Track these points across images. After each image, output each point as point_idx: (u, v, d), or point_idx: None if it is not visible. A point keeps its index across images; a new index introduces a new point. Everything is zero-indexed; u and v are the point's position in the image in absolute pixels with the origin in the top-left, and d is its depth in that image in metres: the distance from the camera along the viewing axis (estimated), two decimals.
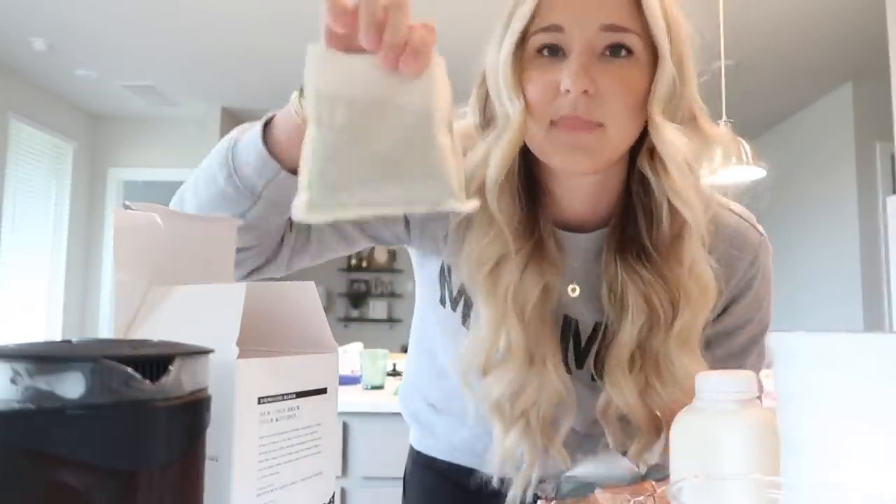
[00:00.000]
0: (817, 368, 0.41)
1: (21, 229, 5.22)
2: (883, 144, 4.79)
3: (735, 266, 0.81)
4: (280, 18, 4.11)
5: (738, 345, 0.84)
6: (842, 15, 3.95)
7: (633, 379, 0.76)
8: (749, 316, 0.84)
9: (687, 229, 0.73)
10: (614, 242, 0.78)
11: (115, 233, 0.54)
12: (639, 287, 0.75)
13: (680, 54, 0.71)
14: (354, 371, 2.66)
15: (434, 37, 0.53)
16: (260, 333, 0.53)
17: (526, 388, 0.76)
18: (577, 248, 0.80)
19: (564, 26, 0.69)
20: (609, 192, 0.79)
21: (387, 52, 0.52)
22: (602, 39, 0.69)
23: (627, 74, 0.69)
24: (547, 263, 0.76)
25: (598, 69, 0.68)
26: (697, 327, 0.75)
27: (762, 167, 3.05)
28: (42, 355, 0.36)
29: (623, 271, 0.76)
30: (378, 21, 0.51)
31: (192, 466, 0.41)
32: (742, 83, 4.57)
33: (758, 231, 0.84)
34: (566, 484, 0.65)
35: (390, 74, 0.53)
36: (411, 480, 1.03)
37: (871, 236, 4.83)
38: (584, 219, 0.80)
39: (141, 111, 5.94)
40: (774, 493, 0.37)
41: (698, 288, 0.74)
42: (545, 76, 0.70)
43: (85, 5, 4.00)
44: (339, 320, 7.85)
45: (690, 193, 0.72)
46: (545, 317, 0.77)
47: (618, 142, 0.71)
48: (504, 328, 0.75)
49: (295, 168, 0.64)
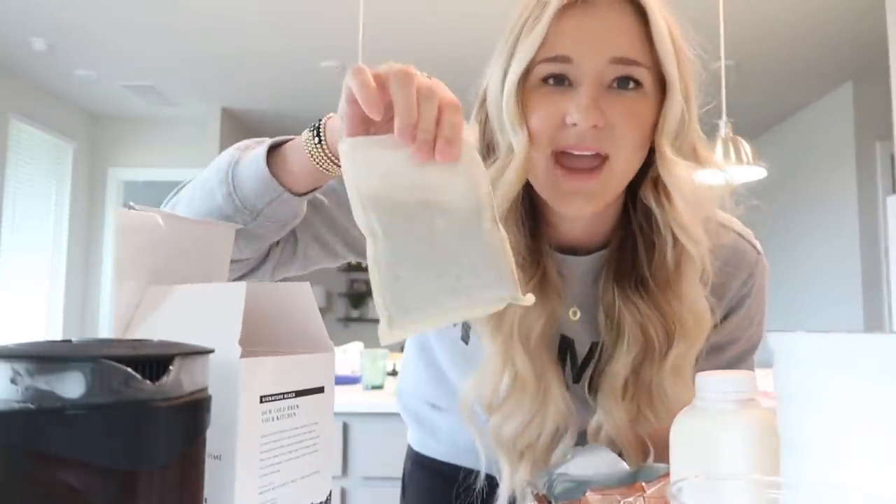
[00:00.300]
0: (817, 368, 0.41)
1: (21, 229, 5.22)
2: (883, 144, 4.79)
3: (729, 284, 0.81)
4: (280, 19, 4.11)
5: (726, 361, 0.84)
6: (842, 15, 3.95)
7: (626, 407, 0.76)
8: (739, 333, 0.83)
9: (688, 263, 0.72)
10: (612, 270, 0.77)
11: (115, 231, 0.54)
12: (635, 317, 0.74)
13: (687, 88, 0.71)
14: (354, 371, 2.66)
15: (461, 118, 0.53)
16: (256, 333, 0.53)
17: (534, 419, 0.76)
18: (576, 271, 0.80)
19: (573, 57, 0.68)
20: (608, 219, 0.78)
21: (420, 145, 0.52)
22: (611, 72, 0.68)
23: (636, 107, 0.69)
24: (551, 291, 0.75)
25: (606, 101, 0.68)
26: (691, 358, 0.75)
27: (762, 167, 3.05)
28: (42, 355, 0.36)
29: (620, 300, 0.75)
30: (415, 119, 0.52)
31: (192, 466, 0.41)
32: (742, 83, 4.56)
33: (755, 249, 0.83)
34: (559, 482, 0.65)
35: (427, 165, 0.53)
36: (411, 481, 1.03)
37: (871, 236, 4.83)
38: (581, 242, 0.80)
39: (141, 111, 5.94)
40: (774, 493, 0.37)
41: (694, 319, 0.74)
42: (550, 106, 0.69)
43: (85, 5, 4.00)
44: (339, 320, 7.86)
45: (698, 229, 0.71)
46: (550, 345, 0.77)
47: (621, 176, 0.71)
48: (510, 361, 0.74)
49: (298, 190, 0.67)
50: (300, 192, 0.71)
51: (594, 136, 0.67)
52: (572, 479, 0.65)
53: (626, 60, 0.68)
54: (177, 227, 0.58)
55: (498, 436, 0.76)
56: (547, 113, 0.69)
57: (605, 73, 0.68)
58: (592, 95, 0.67)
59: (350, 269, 7.88)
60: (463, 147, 0.54)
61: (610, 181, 0.70)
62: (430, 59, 3.81)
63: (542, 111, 0.69)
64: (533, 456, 0.77)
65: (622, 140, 0.68)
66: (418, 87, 0.53)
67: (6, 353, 0.36)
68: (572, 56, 0.68)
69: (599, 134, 0.67)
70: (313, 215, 0.80)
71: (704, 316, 0.74)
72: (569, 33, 0.68)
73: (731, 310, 0.82)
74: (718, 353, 0.83)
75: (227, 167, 0.72)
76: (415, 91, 0.53)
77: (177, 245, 0.58)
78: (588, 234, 0.79)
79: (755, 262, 0.82)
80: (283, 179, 0.69)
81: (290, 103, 5.66)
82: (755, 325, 0.84)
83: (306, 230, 0.80)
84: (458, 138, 0.53)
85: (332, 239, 0.82)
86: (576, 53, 0.68)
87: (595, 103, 0.67)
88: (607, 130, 0.68)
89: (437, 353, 0.92)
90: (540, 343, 0.75)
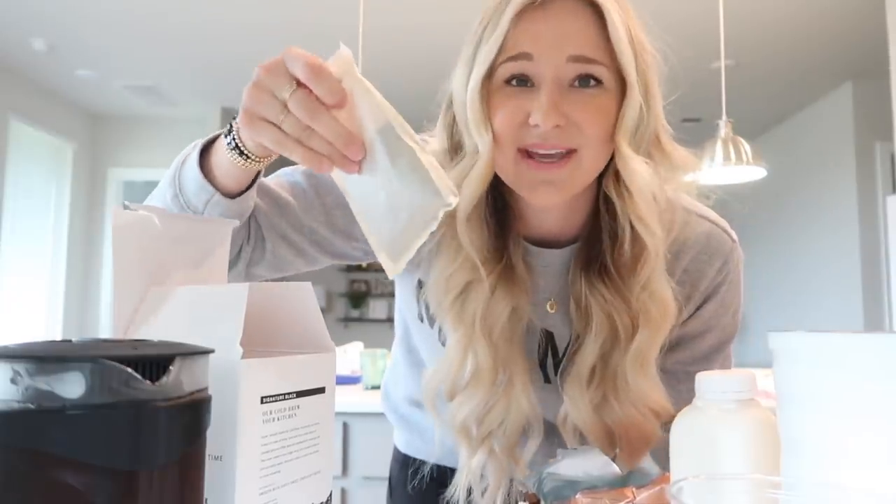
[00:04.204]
0: (817, 368, 0.41)
1: (21, 229, 5.21)
2: (883, 144, 4.79)
3: (704, 271, 0.82)
4: (280, 19, 4.11)
5: (702, 351, 0.85)
6: (842, 15, 3.95)
7: (590, 394, 0.77)
8: (714, 321, 0.84)
9: (647, 253, 0.74)
10: (581, 259, 0.79)
11: (113, 231, 0.54)
12: (601, 304, 0.76)
13: (646, 82, 0.72)
14: (354, 371, 2.66)
15: (316, 109, 0.56)
16: (257, 333, 0.53)
17: (493, 409, 0.77)
18: (550, 263, 0.81)
19: (533, 55, 0.69)
20: (579, 212, 0.80)
21: (325, 164, 0.58)
22: (570, 70, 0.69)
23: (597, 104, 0.70)
24: (515, 285, 0.77)
25: (567, 100, 0.69)
26: (654, 348, 0.76)
27: (762, 167, 3.06)
28: (42, 355, 0.36)
29: (586, 288, 0.77)
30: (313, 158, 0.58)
31: (192, 466, 0.41)
32: (742, 83, 4.57)
33: (730, 237, 0.84)
34: (548, 482, 0.65)
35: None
36: (398, 483, 1.03)
37: (871, 236, 4.84)
38: (555, 235, 0.81)
39: (141, 111, 5.94)
40: (774, 493, 0.37)
41: (657, 309, 0.75)
42: (513, 105, 0.70)
43: (85, 5, 4.00)
44: (339, 320, 7.86)
45: (653, 221, 0.73)
46: (514, 338, 0.78)
47: (588, 168, 0.72)
48: (472, 350, 0.75)
49: (229, 191, 0.70)
50: (234, 191, 0.71)
51: (558, 134, 0.69)
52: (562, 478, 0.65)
53: (584, 59, 0.69)
54: (173, 225, 0.58)
55: (454, 419, 0.78)
56: (510, 113, 0.70)
57: (565, 72, 0.69)
58: (553, 96, 0.68)
59: (350, 270, 7.88)
60: (351, 95, 0.57)
61: (577, 171, 0.71)
62: (430, 59, 3.81)
63: (506, 111, 0.70)
64: (494, 446, 0.78)
65: (587, 136, 0.70)
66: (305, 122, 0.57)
67: (6, 353, 0.36)
68: (532, 53, 0.69)
69: (563, 132, 0.69)
70: (280, 216, 0.80)
71: (669, 306, 0.75)
72: (528, 33, 0.70)
73: (707, 297, 0.83)
74: (695, 342, 0.84)
75: (175, 167, 0.73)
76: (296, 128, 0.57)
77: (174, 243, 0.58)
78: (560, 226, 0.80)
79: (730, 250, 0.83)
80: (214, 179, 0.70)
81: None
82: (731, 315, 0.85)
83: (273, 230, 0.81)
84: (339, 141, 0.57)
85: (298, 238, 0.82)
86: (535, 51, 0.69)
87: (555, 105, 0.68)
88: (572, 128, 0.69)
89: (423, 353, 0.93)
90: (504, 338, 0.76)
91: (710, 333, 0.84)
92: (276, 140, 0.58)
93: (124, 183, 6.24)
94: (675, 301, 0.76)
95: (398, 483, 1.03)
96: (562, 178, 0.71)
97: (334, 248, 0.84)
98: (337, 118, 0.57)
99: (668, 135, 0.76)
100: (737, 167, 2.94)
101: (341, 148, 0.57)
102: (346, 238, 0.83)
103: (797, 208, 5.66)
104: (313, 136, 0.57)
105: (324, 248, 0.84)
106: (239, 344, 0.46)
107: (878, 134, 4.76)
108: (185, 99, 5.68)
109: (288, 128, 0.57)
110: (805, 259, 5.53)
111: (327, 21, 4.05)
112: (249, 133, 0.61)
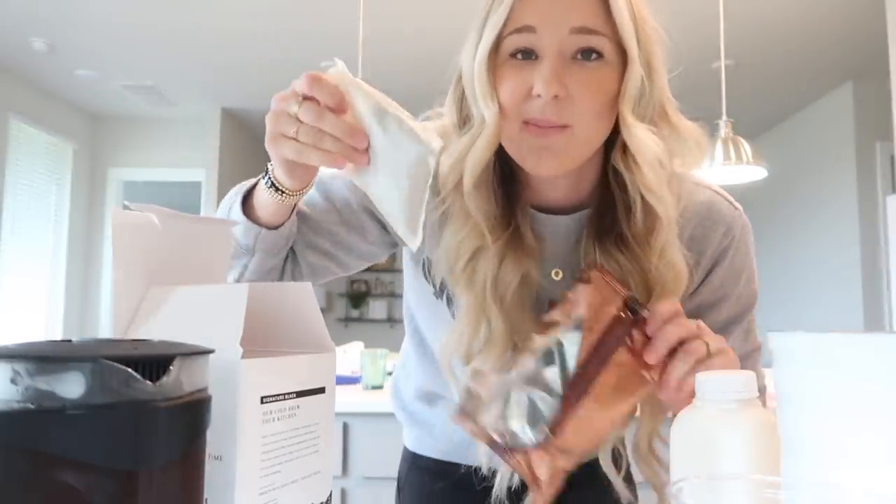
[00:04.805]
0: (817, 368, 0.41)
1: (21, 229, 5.22)
2: (883, 144, 4.79)
3: (709, 237, 0.83)
4: (280, 19, 4.11)
5: (719, 322, 0.85)
6: (842, 15, 3.95)
7: None
8: (726, 289, 0.85)
9: (660, 222, 0.75)
10: (594, 228, 0.80)
11: (112, 231, 0.54)
12: (616, 272, 0.77)
13: (648, 54, 0.74)
14: (354, 371, 2.66)
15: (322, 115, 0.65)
16: (258, 333, 0.53)
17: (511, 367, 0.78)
18: (557, 230, 0.83)
19: (536, 27, 0.71)
20: (586, 181, 0.81)
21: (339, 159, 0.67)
22: (573, 42, 0.71)
23: (597, 77, 0.72)
24: (524, 252, 0.79)
25: (569, 72, 0.71)
26: None
27: (762, 167, 3.06)
28: (42, 355, 0.36)
29: (602, 256, 0.78)
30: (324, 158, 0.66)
31: (192, 466, 0.41)
32: (742, 83, 4.57)
33: (732, 205, 0.85)
34: None
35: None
36: (407, 483, 1.03)
37: (871, 236, 4.84)
38: (562, 203, 0.82)
39: (141, 111, 5.95)
40: (774, 493, 0.37)
41: (672, 275, 0.76)
42: (518, 78, 0.72)
43: (85, 5, 4.00)
44: (339, 320, 7.85)
45: (663, 189, 0.74)
46: (525, 304, 0.80)
47: (585, 142, 0.74)
48: (485, 316, 0.77)
49: (272, 225, 0.80)
50: (276, 223, 0.80)
51: (554, 106, 0.71)
52: None
53: (586, 30, 0.71)
54: (173, 225, 0.58)
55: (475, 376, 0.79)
56: (515, 85, 0.72)
57: (567, 44, 0.71)
58: (554, 67, 0.70)
59: None
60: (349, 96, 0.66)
61: (572, 144, 0.73)
62: (429, 60, 3.81)
63: (511, 83, 0.73)
64: None
65: (582, 109, 0.71)
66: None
67: (6, 353, 0.36)
68: (536, 25, 0.71)
69: (560, 105, 0.71)
70: (302, 223, 0.88)
71: (682, 272, 0.77)
72: (532, 6, 0.72)
73: (716, 262, 0.84)
74: (710, 314, 0.85)
75: (225, 215, 0.82)
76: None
77: (174, 243, 0.58)
78: (568, 195, 0.82)
79: (733, 216, 0.84)
80: (258, 218, 0.79)
81: None
82: (743, 283, 0.85)
83: (299, 241, 0.88)
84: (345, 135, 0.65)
85: (321, 241, 0.88)
86: (538, 23, 0.71)
87: (556, 75, 0.70)
88: (568, 101, 0.71)
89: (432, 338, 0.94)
90: (516, 304, 0.78)
91: (725, 303, 0.85)
92: (296, 150, 0.66)
93: (124, 183, 6.25)
94: (687, 266, 0.77)
95: (406, 482, 1.03)
96: (558, 146, 0.72)
97: (356, 247, 0.91)
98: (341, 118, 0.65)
99: (673, 107, 0.77)
100: (737, 167, 2.94)
101: (347, 139, 0.65)
102: (361, 233, 0.89)
103: (797, 208, 5.66)
104: (324, 137, 0.65)
105: (347, 248, 0.90)
106: (239, 344, 0.46)
107: (878, 134, 4.76)
108: (185, 99, 5.68)
109: (303, 136, 0.65)
110: (805, 259, 5.53)
111: (328, 19, 4.05)
112: (275, 152, 0.69)
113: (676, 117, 0.77)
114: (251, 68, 4.96)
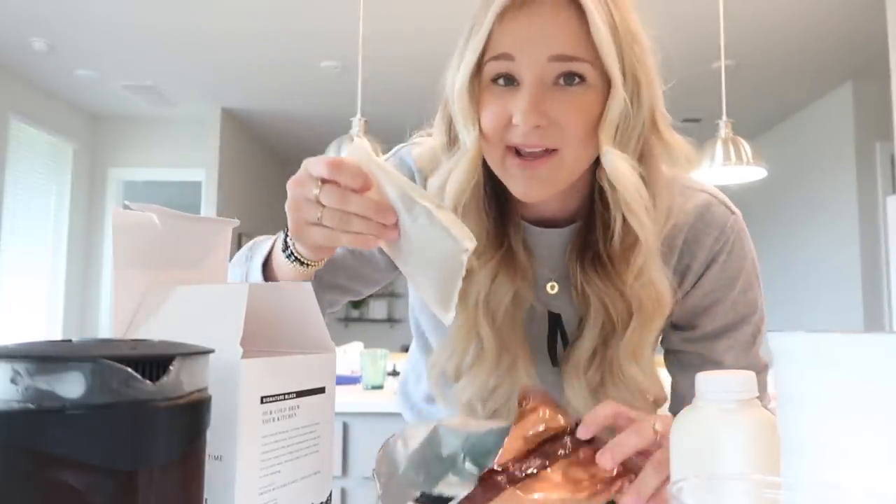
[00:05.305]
0: (817, 368, 0.41)
1: (21, 229, 5.21)
2: (883, 144, 4.79)
3: (701, 241, 0.82)
4: (280, 19, 4.11)
5: (713, 330, 0.84)
6: (842, 15, 3.95)
7: (587, 379, 0.79)
8: (719, 294, 0.83)
9: (639, 244, 0.74)
10: (576, 245, 0.80)
11: (113, 231, 0.54)
12: (595, 292, 0.77)
13: (636, 75, 0.71)
14: (354, 371, 2.66)
15: (348, 199, 0.61)
16: (257, 333, 0.53)
17: (498, 388, 0.79)
18: (552, 243, 0.82)
19: (514, 55, 0.70)
20: (576, 197, 0.80)
21: (369, 240, 0.64)
22: (552, 69, 0.69)
23: (580, 102, 0.70)
24: (517, 271, 0.78)
25: (550, 98, 0.69)
26: (647, 338, 0.77)
27: (762, 167, 3.06)
28: (42, 355, 0.36)
29: (581, 275, 0.78)
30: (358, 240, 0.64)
31: (193, 466, 0.41)
32: (742, 83, 4.57)
33: (729, 209, 0.84)
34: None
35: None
36: None
37: (871, 236, 4.83)
38: (557, 214, 0.82)
39: (141, 111, 5.94)
40: (774, 493, 0.37)
41: (651, 299, 0.75)
42: (499, 104, 0.71)
43: (85, 5, 4.00)
44: (339, 320, 7.85)
45: (642, 213, 0.73)
46: (517, 321, 0.80)
47: (573, 165, 0.72)
48: (475, 333, 0.77)
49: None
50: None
51: (539, 134, 0.69)
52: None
53: (565, 57, 0.69)
54: (173, 225, 0.58)
55: (460, 397, 0.80)
56: (497, 111, 0.71)
57: (547, 71, 0.69)
58: (532, 96, 0.69)
59: None
60: (374, 179, 0.62)
61: (559, 170, 0.72)
62: (429, 60, 3.81)
63: (493, 109, 0.71)
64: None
65: (568, 134, 0.70)
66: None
67: (6, 353, 0.36)
68: (514, 53, 0.70)
69: (544, 132, 0.69)
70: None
71: (663, 293, 0.76)
72: (509, 33, 0.70)
73: (707, 266, 0.83)
74: (704, 319, 0.84)
75: (241, 276, 0.81)
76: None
77: (174, 243, 0.58)
78: (561, 208, 0.81)
79: (727, 219, 0.83)
80: (277, 280, 0.78)
81: (291, 103, 5.66)
82: (739, 290, 0.83)
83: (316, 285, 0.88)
84: (373, 214, 0.62)
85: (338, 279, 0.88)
86: (517, 51, 0.70)
87: (534, 105, 0.68)
88: (553, 127, 0.69)
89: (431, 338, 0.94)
90: (507, 322, 0.78)
91: (719, 309, 0.83)
92: (325, 236, 0.63)
93: (124, 183, 6.24)
94: (672, 290, 0.77)
95: None
96: (545, 176, 0.71)
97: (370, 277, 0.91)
98: (366, 196, 0.62)
99: (666, 123, 0.75)
100: (737, 167, 2.94)
101: (376, 218, 0.62)
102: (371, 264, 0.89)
103: (797, 208, 5.66)
104: (351, 219, 0.62)
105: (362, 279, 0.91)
106: (239, 344, 0.46)
107: (878, 134, 4.76)
108: (185, 99, 5.68)
109: (328, 220, 0.62)
110: (805, 259, 5.53)
111: (328, 19, 4.05)
112: (302, 241, 0.67)
113: (668, 133, 0.75)
114: (251, 68, 4.96)
